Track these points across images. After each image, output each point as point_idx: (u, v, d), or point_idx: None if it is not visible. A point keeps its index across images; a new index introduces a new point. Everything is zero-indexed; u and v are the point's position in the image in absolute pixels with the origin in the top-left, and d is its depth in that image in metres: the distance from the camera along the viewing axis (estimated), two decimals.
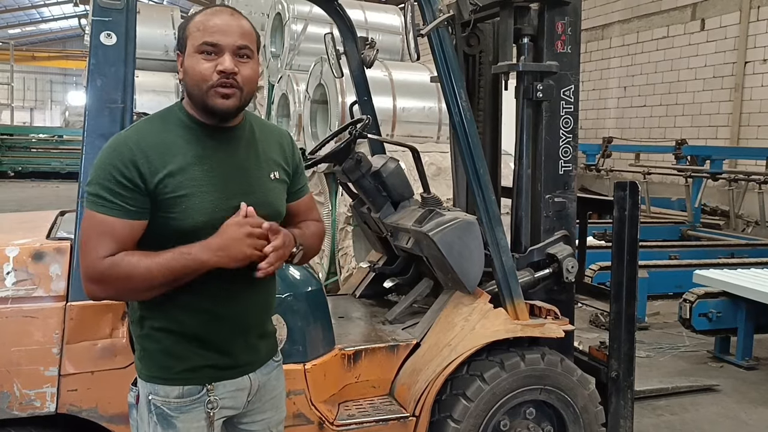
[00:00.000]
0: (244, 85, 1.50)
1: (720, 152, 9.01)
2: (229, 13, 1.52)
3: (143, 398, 1.56)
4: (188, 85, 1.50)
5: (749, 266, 5.37)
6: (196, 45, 1.48)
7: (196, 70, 1.47)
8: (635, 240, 2.68)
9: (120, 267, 1.43)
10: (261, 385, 1.66)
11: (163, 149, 1.48)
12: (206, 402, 1.54)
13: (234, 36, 1.48)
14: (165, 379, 1.53)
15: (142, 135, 1.50)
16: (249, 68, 1.51)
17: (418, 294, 2.90)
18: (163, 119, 1.55)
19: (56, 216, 2.53)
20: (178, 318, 1.53)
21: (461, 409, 2.38)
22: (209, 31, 1.47)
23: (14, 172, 17.73)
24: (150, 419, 1.54)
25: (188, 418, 1.54)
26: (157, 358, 1.54)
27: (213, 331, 1.55)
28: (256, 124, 1.66)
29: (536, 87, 2.60)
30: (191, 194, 1.47)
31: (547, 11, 2.61)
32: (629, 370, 2.69)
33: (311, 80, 5.79)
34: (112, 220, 1.44)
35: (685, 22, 11.10)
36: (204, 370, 1.55)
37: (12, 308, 1.94)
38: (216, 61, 1.47)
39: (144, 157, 1.45)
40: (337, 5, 3.03)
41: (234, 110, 1.52)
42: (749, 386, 4.23)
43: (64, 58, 31.22)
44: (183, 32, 1.53)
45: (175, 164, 1.47)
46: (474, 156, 2.46)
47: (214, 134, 1.54)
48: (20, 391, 1.93)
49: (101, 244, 1.43)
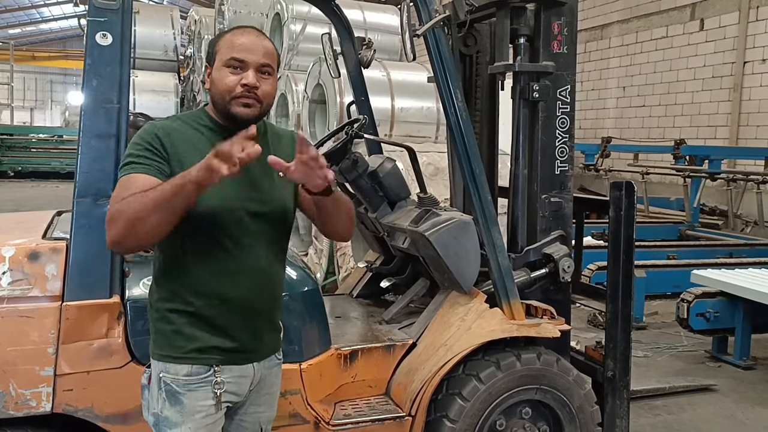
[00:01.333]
0: (264, 98, 1.66)
1: (718, 152, 9.00)
2: (256, 34, 1.70)
3: (155, 376, 1.67)
4: (214, 95, 1.67)
5: (747, 266, 5.37)
6: (224, 59, 1.64)
7: (223, 82, 1.63)
8: (631, 240, 2.68)
9: (125, 201, 1.51)
10: (262, 377, 1.76)
11: (186, 139, 1.64)
12: (213, 383, 1.65)
13: (258, 54, 1.64)
14: (175, 357, 1.64)
15: (168, 125, 1.67)
16: (269, 84, 1.67)
17: (414, 294, 2.90)
18: (189, 118, 1.73)
19: (53, 216, 2.54)
20: (189, 300, 1.64)
21: (457, 409, 2.39)
22: (237, 48, 1.64)
23: (14, 172, 17.71)
24: (159, 395, 1.65)
25: (195, 396, 1.64)
26: (169, 338, 1.65)
27: (221, 314, 1.66)
28: (270, 129, 1.82)
29: (532, 87, 2.61)
30: None
31: (543, 11, 2.62)
32: (625, 370, 2.70)
33: (310, 80, 5.80)
34: (137, 176, 1.56)
35: (684, 22, 11.10)
36: (212, 351, 1.65)
37: (8, 308, 1.94)
38: (241, 75, 1.62)
39: (168, 139, 1.62)
40: (334, 5, 3.03)
41: (253, 119, 1.65)
42: (747, 386, 4.23)
43: (64, 58, 31.22)
44: (213, 47, 1.69)
45: (194, 155, 1.57)
46: (470, 156, 2.46)
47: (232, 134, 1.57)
48: (16, 391, 1.93)
49: (123, 192, 1.53)
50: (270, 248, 1.73)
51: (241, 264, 1.66)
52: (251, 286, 1.69)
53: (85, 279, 2.00)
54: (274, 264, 1.76)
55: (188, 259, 1.64)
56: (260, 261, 1.69)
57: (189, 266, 1.64)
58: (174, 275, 1.65)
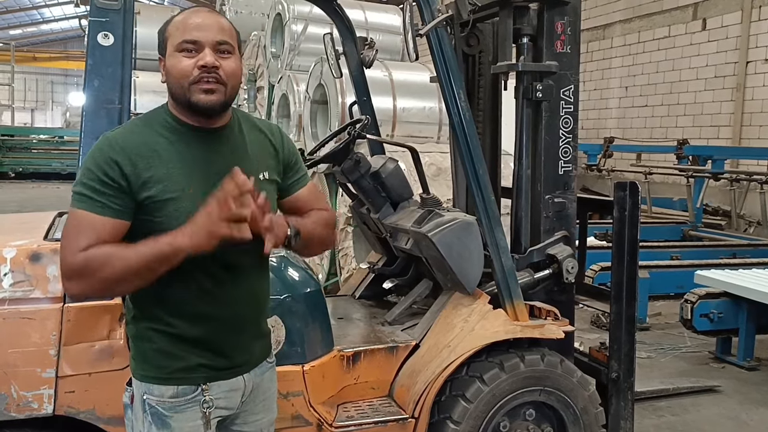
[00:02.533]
0: (228, 79, 1.49)
1: (721, 152, 8.98)
2: (207, 11, 1.54)
3: (138, 398, 1.56)
4: (171, 85, 1.50)
5: (751, 266, 5.35)
6: (176, 44, 1.48)
7: (177, 68, 1.47)
8: (635, 240, 2.66)
9: (93, 257, 1.40)
10: (255, 386, 1.66)
11: (147, 152, 1.47)
12: (201, 402, 1.54)
13: (213, 32, 1.48)
14: (159, 378, 1.53)
15: (127, 137, 1.49)
16: (231, 62, 1.50)
17: (417, 295, 2.89)
18: (148, 121, 1.55)
19: (54, 217, 2.53)
20: (171, 319, 1.52)
21: (461, 411, 2.37)
22: (188, 29, 1.48)
23: (15, 172, 17.73)
24: (145, 419, 1.54)
25: (183, 417, 1.53)
26: (151, 358, 1.54)
27: (206, 331, 1.55)
28: (245, 121, 1.64)
29: (536, 87, 2.59)
30: (176, 198, 1.46)
31: (546, 11, 2.61)
32: (629, 371, 2.68)
33: (311, 80, 5.79)
34: (93, 217, 1.42)
35: (686, 21, 11.08)
36: (198, 370, 1.54)
37: (9, 309, 1.93)
38: (196, 58, 1.47)
39: (128, 160, 1.44)
40: (336, 5, 3.03)
41: (218, 106, 1.50)
42: (751, 387, 4.21)
43: (65, 58, 31.25)
44: (163, 35, 1.53)
45: (160, 168, 1.46)
46: (473, 156, 2.45)
47: (200, 136, 1.53)
48: (17, 393, 1.92)
49: (80, 238, 1.41)
50: (254, 258, 1.57)
51: (226, 282, 1.54)
52: (238, 302, 1.58)
53: None
54: (260, 272, 1.65)
55: (169, 281, 1.47)
56: (246, 274, 1.58)
57: (170, 290, 1.49)
58: (152, 298, 1.51)
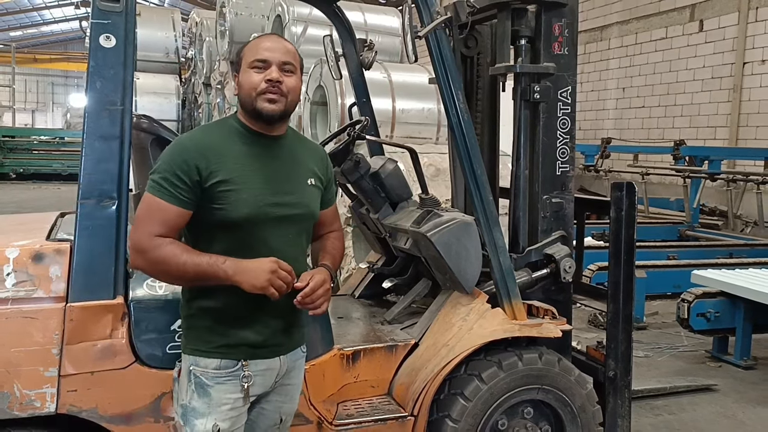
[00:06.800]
0: (289, 92, 1.77)
1: (718, 153, 9.01)
2: (276, 37, 1.85)
3: (185, 369, 1.78)
4: (242, 96, 1.78)
5: (748, 266, 5.38)
6: (249, 62, 1.76)
7: (249, 81, 1.75)
8: (632, 240, 2.69)
9: (162, 249, 1.66)
10: (289, 369, 1.87)
11: (219, 150, 1.73)
12: (241, 376, 1.75)
13: (279, 53, 1.77)
14: (205, 351, 1.75)
15: (202, 138, 1.77)
16: (293, 80, 1.79)
17: (416, 294, 2.91)
18: (220, 126, 1.83)
19: (56, 217, 2.55)
20: (219, 297, 1.73)
21: (459, 409, 2.39)
22: (260, 50, 1.77)
23: (16, 173, 17.73)
24: (189, 387, 1.76)
25: (222, 388, 1.74)
26: (201, 334, 1.76)
27: (250, 311, 1.75)
28: (298, 138, 1.95)
29: (533, 88, 2.62)
30: (239, 189, 1.71)
31: (544, 13, 2.63)
32: (626, 370, 2.70)
33: (311, 82, 5.81)
34: (166, 205, 1.68)
35: (683, 23, 11.11)
36: (239, 347, 1.75)
37: (12, 309, 1.95)
38: (265, 73, 1.74)
39: (203, 158, 1.70)
40: (336, 7, 3.05)
41: (279, 114, 1.76)
42: (747, 386, 4.23)
43: (66, 60, 31.22)
44: (238, 56, 1.82)
45: (228, 163, 1.72)
46: (471, 157, 2.47)
47: (262, 140, 1.80)
48: (20, 392, 1.94)
49: (153, 222, 1.67)
50: (296, 248, 1.83)
51: None
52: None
53: (89, 280, 2.01)
54: (299, 262, 1.83)
55: None
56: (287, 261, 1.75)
57: None
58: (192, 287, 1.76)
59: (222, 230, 1.72)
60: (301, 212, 1.82)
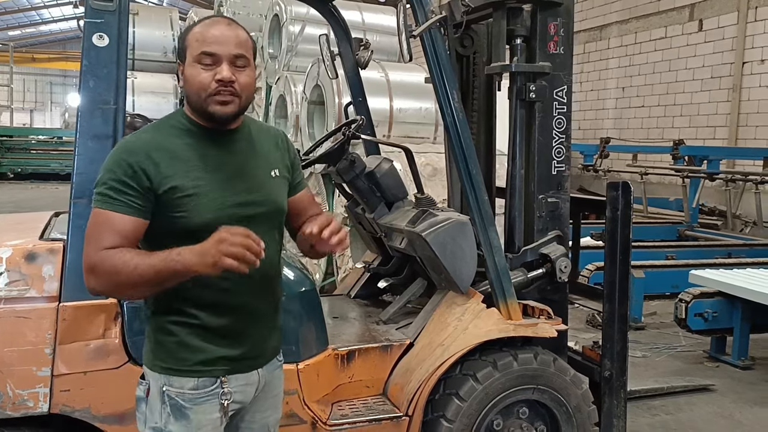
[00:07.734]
0: (242, 91, 1.58)
1: (717, 152, 9.00)
2: (226, 24, 1.61)
3: (155, 390, 1.59)
4: (189, 93, 1.59)
5: (746, 266, 5.37)
6: (195, 55, 1.56)
7: (196, 80, 1.55)
8: (628, 239, 2.68)
9: (110, 260, 1.48)
10: (267, 382, 1.73)
11: (168, 153, 1.56)
12: (220, 394, 1.60)
13: (230, 45, 1.56)
14: (180, 371, 1.58)
15: (148, 140, 1.58)
16: (246, 75, 1.59)
17: (411, 294, 2.90)
18: (167, 125, 1.64)
19: (50, 217, 2.54)
20: (192, 312, 1.58)
21: (454, 409, 2.39)
22: (207, 41, 1.55)
23: (14, 173, 17.73)
24: (163, 410, 1.58)
25: (202, 409, 1.59)
26: (171, 350, 1.59)
27: (227, 322, 1.61)
28: (253, 126, 1.75)
29: (529, 88, 2.61)
30: (198, 194, 1.55)
31: (539, 12, 2.63)
32: (622, 370, 2.70)
33: (308, 81, 5.80)
34: (114, 216, 1.51)
35: (683, 22, 11.10)
36: (217, 362, 1.60)
37: (5, 309, 1.95)
38: (214, 71, 1.55)
39: (151, 161, 1.53)
40: (332, 6, 3.04)
41: (232, 116, 1.60)
42: (745, 386, 4.23)
43: (64, 59, 31.23)
44: (182, 42, 1.61)
45: (180, 166, 1.55)
46: (467, 156, 2.46)
47: (216, 137, 1.63)
48: (13, 392, 1.94)
49: (103, 237, 1.50)
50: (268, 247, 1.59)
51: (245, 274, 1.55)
52: (255, 290, 1.64)
53: (82, 280, 1.99)
54: (274, 263, 1.72)
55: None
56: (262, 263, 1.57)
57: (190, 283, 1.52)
58: (173, 292, 1.54)
59: (184, 239, 1.49)
60: (268, 209, 1.65)
